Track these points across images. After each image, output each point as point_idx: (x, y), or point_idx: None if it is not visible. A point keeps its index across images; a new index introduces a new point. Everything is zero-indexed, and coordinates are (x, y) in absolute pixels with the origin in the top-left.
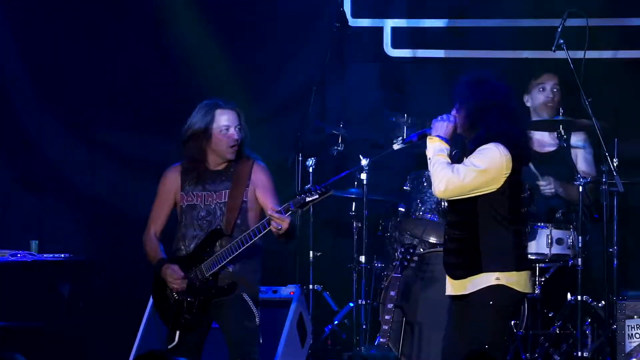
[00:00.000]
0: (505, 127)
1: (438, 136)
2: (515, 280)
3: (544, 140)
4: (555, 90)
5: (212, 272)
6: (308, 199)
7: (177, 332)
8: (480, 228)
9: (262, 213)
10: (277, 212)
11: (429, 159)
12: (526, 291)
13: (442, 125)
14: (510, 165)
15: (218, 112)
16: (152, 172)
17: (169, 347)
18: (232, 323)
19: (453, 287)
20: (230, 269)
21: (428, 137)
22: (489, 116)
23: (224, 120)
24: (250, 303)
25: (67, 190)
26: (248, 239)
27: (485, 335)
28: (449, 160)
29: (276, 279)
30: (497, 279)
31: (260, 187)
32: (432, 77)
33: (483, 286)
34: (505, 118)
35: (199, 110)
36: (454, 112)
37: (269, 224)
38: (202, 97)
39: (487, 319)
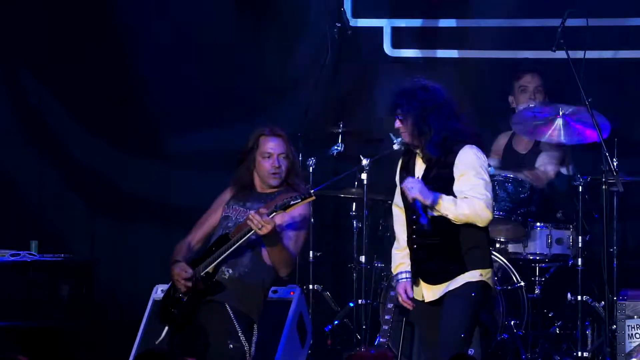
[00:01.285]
0: (455, 126)
1: (433, 194)
2: (490, 276)
3: (523, 141)
4: (537, 92)
5: (205, 270)
6: (292, 202)
7: (165, 328)
8: (461, 229)
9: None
10: (262, 213)
11: (450, 214)
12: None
13: (422, 189)
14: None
15: (262, 139)
16: (152, 173)
17: (156, 342)
18: (214, 340)
19: (432, 292)
20: (226, 275)
21: (432, 205)
22: (435, 119)
23: (268, 147)
24: (235, 321)
25: (68, 190)
26: (237, 239)
27: (466, 323)
28: (454, 197)
29: (276, 279)
30: (481, 275)
31: (288, 215)
32: (431, 77)
33: (465, 282)
34: (452, 117)
35: (250, 135)
36: (397, 124)
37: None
38: (201, 102)
39: (467, 309)
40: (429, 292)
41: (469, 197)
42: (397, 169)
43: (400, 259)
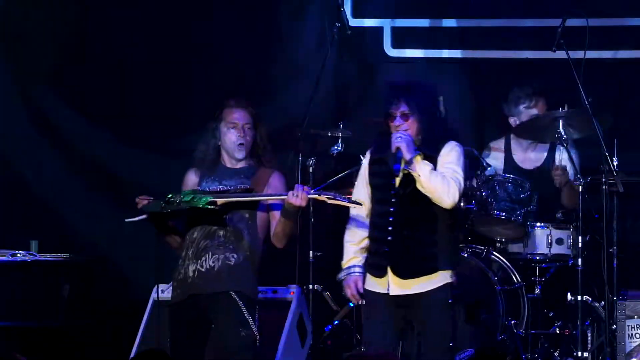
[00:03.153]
0: (446, 123)
1: (417, 153)
2: (454, 277)
3: (529, 157)
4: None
5: (215, 199)
6: (337, 198)
7: (144, 215)
8: (438, 227)
9: (267, 221)
10: (305, 188)
11: (423, 175)
12: None
13: (409, 143)
14: None
15: (227, 110)
16: (153, 172)
17: (129, 219)
18: (226, 330)
19: (400, 286)
20: (232, 262)
21: (414, 159)
22: (438, 116)
23: (233, 118)
24: (244, 308)
25: (67, 190)
26: (266, 195)
27: (450, 331)
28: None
29: (276, 279)
30: (451, 276)
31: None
32: (432, 77)
33: (441, 284)
34: (444, 114)
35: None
36: (398, 121)
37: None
38: (201, 100)
39: (449, 316)
40: (396, 286)
41: (447, 177)
42: (364, 165)
43: (354, 253)
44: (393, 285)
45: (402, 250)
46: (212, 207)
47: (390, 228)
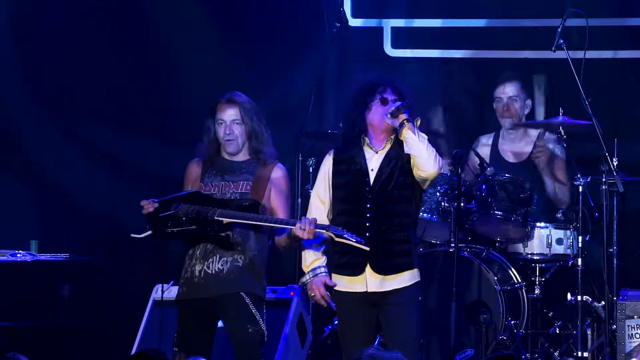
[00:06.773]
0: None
1: (417, 119)
2: None
3: (515, 151)
4: (511, 102)
5: (222, 218)
6: (345, 235)
7: (150, 231)
8: (409, 223)
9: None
10: (313, 222)
11: (420, 136)
12: None
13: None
14: None
15: (218, 106)
16: (152, 172)
17: (134, 235)
18: (235, 327)
19: (380, 283)
20: (240, 263)
21: (415, 122)
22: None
23: (221, 115)
24: (252, 306)
25: (67, 190)
26: (273, 220)
27: (420, 328)
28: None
29: (276, 279)
30: (419, 274)
31: (275, 188)
32: (431, 77)
33: (414, 281)
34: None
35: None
36: (393, 110)
37: (294, 225)
38: (200, 99)
39: (419, 314)
40: (374, 283)
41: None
42: (328, 165)
43: (315, 255)
44: (371, 282)
45: (381, 246)
46: (225, 234)
47: (368, 224)
